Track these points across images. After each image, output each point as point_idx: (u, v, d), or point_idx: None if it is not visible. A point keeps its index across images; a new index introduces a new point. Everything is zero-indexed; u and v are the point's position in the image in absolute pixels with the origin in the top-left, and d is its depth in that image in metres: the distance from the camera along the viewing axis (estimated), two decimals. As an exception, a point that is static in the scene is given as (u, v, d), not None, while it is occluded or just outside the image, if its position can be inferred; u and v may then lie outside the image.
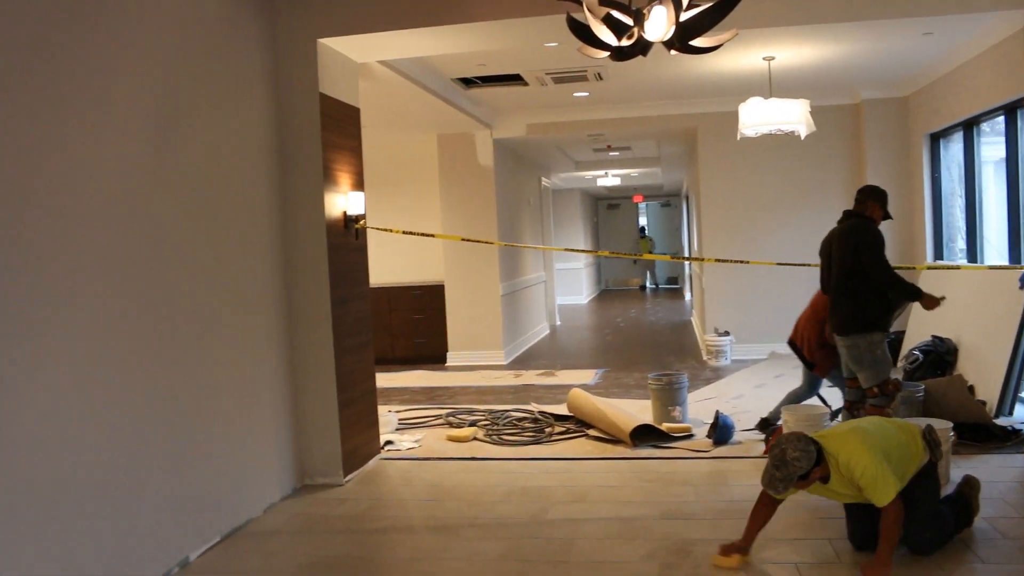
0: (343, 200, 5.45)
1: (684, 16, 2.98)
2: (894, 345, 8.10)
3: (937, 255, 8.48)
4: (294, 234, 5.20)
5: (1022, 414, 6.01)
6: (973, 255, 7.50)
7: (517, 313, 11.30)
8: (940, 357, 6.83)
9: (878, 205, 4.99)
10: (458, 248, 10.10)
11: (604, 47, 3.19)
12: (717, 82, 8.40)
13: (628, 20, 3.05)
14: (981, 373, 6.28)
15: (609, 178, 16.03)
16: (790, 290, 9.30)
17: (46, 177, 3.25)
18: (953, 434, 5.15)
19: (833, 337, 5.13)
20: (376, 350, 6.07)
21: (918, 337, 7.45)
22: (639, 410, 6.60)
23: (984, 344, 6.41)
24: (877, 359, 4.88)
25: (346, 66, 5.56)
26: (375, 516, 4.70)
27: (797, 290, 7.47)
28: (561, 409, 6.91)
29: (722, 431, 5.85)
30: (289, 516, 4.71)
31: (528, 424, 6.61)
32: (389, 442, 6.14)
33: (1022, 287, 5.87)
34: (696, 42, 3.09)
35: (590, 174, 15.63)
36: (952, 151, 8.24)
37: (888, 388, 4.90)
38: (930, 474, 3.74)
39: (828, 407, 5.59)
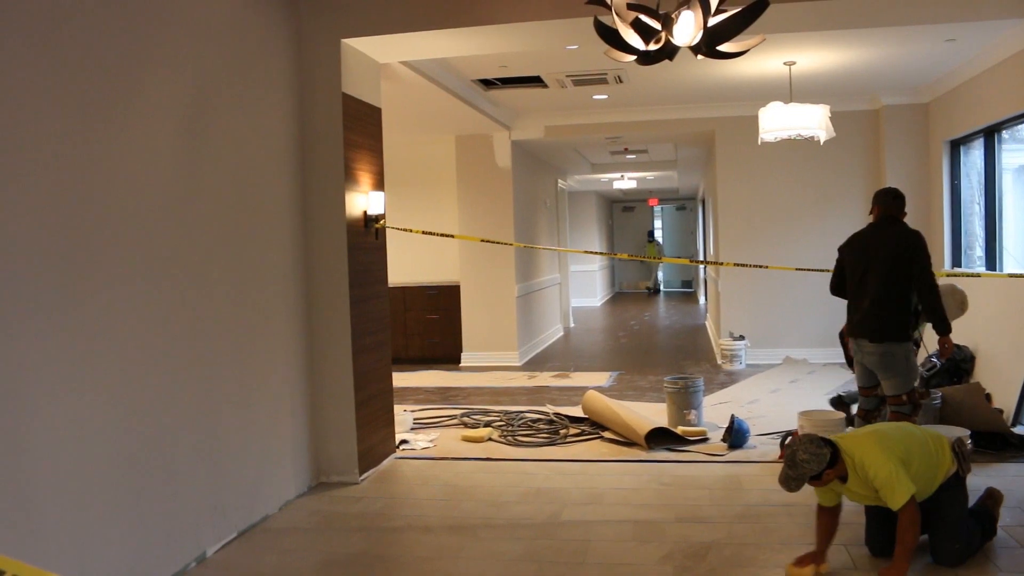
0: (363, 200, 5.47)
1: (712, 21, 2.99)
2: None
3: (955, 262, 8.44)
4: (315, 233, 5.22)
5: (1040, 423, 5.98)
6: (992, 263, 7.46)
7: (532, 314, 11.31)
8: (957, 365, 6.80)
9: (904, 210, 4.89)
10: (474, 249, 10.11)
11: (631, 51, 3.20)
12: (737, 86, 8.39)
13: (656, 25, 3.06)
14: (998, 381, 6.26)
15: (625, 181, 16.02)
16: (805, 295, 9.31)
17: (81, 181, 3.28)
18: (970, 442, 5.14)
19: (850, 340, 5.04)
20: (391, 350, 6.09)
21: (935, 344, 7.40)
22: (654, 413, 6.60)
23: (1002, 352, 6.38)
24: (911, 367, 4.80)
25: (369, 66, 5.59)
26: (391, 515, 4.72)
27: (812, 295, 7.47)
28: (576, 411, 6.92)
29: (737, 435, 5.85)
30: (305, 513, 4.74)
31: (543, 425, 6.62)
32: (404, 441, 6.16)
33: None
34: (723, 47, 3.10)
35: (606, 177, 15.62)
36: (972, 158, 8.20)
37: (915, 396, 4.85)
38: (958, 485, 3.72)
39: (847, 412, 5.56)
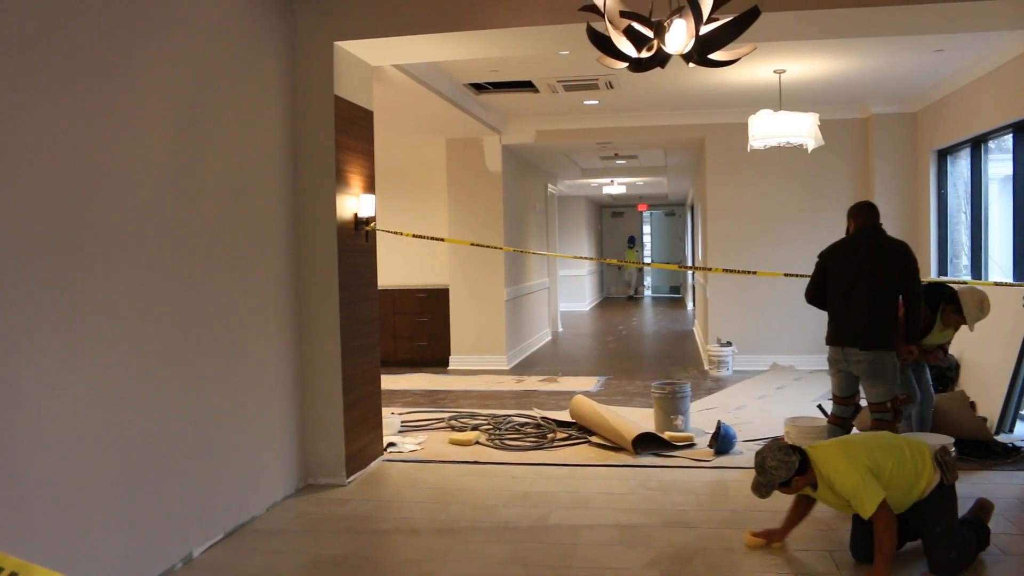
0: (354, 202, 5.48)
1: (704, 30, 3.01)
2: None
3: (941, 271, 8.50)
4: (305, 235, 5.22)
5: (1023, 431, 6.03)
6: (977, 271, 7.52)
7: (520, 318, 11.32)
8: (942, 373, 6.86)
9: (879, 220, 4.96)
10: (463, 252, 10.11)
11: (623, 58, 3.22)
12: (727, 93, 8.44)
13: (648, 32, 3.09)
14: (983, 390, 6.31)
15: (615, 186, 16.06)
16: (793, 302, 9.32)
17: (77, 180, 3.28)
18: (954, 450, 5.18)
19: (831, 348, 4.95)
20: (380, 352, 6.08)
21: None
22: (641, 418, 6.62)
23: (986, 361, 6.43)
24: (895, 374, 4.85)
25: (361, 69, 5.59)
26: (378, 517, 4.72)
27: (800, 302, 7.38)
28: (564, 415, 6.93)
29: (724, 441, 5.87)
30: (292, 515, 4.73)
31: (531, 429, 6.63)
32: (392, 444, 6.16)
33: None
34: (715, 55, 3.12)
35: (596, 182, 15.66)
36: (959, 167, 8.26)
37: (897, 403, 4.89)
38: (944, 495, 3.73)
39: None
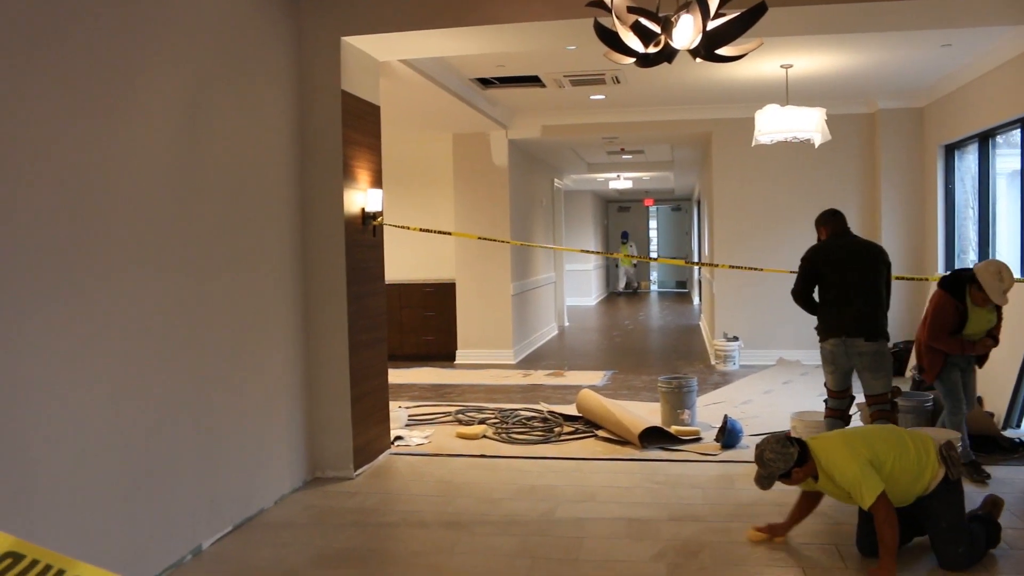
0: (362, 197, 5.50)
1: (711, 25, 3.02)
2: (901, 355, 8.12)
3: (949, 266, 8.48)
4: (313, 229, 5.24)
5: (1030, 427, 6.03)
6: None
7: (527, 313, 11.34)
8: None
9: None
10: (470, 247, 10.13)
11: (631, 53, 3.23)
12: (733, 88, 8.43)
13: (655, 27, 3.09)
14: (989, 385, 6.29)
15: (621, 181, 16.06)
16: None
17: (81, 178, 3.30)
18: (960, 445, 5.18)
19: (830, 340, 5.00)
20: (387, 346, 6.11)
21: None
22: (648, 412, 6.63)
23: (993, 356, 6.39)
24: (892, 366, 5.06)
25: (368, 64, 5.61)
26: (386, 510, 4.75)
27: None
28: (570, 409, 6.95)
29: (730, 435, 5.88)
30: (300, 508, 4.76)
31: (537, 423, 6.65)
32: (399, 438, 6.19)
33: None
34: (722, 51, 3.13)
35: (602, 176, 15.66)
36: (966, 162, 8.25)
37: (893, 395, 5.00)
38: (950, 489, 3.74)
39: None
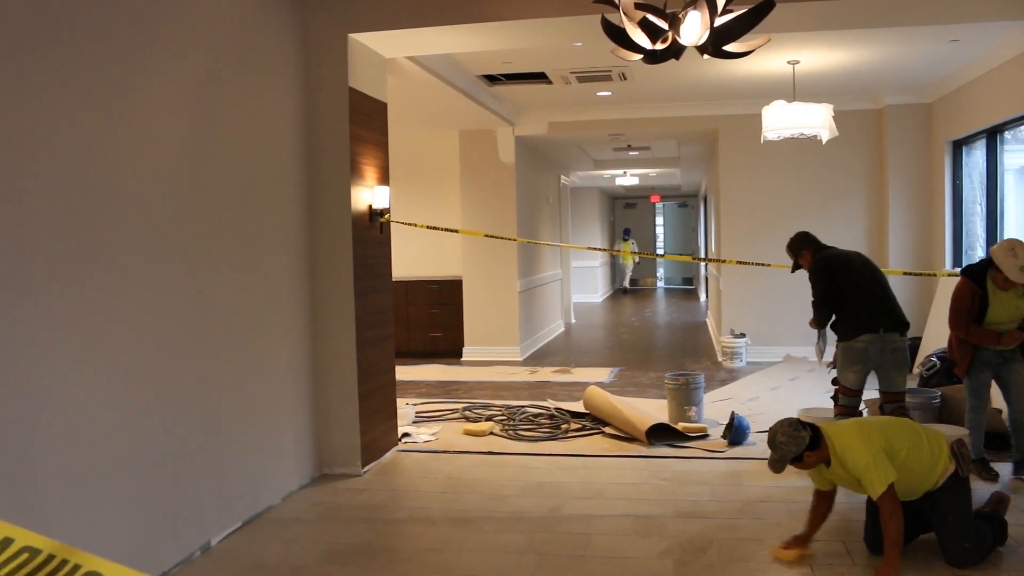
0: (369, 194, 5.50)
1: (718, 21, 3.02)
2: (910, 351, 8.08)
3: (956, 262, 8.46)
4: (320, 226, 5.25)
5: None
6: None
7: (533, 310, 11.34)
8: (955, 364, 6.80)
9: None
10: (477, 243, 10.12)
11: (638, 50, 3.22)
12: (740, 85, 8.41)
13: (663, 24, 3.09)
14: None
15: (628, 177, 16.04)
16: (806, 294, 9.24)
17: (90, 174, 3.32)
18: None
19: (862, 337, 4.95)
20: (394, 343, 6.12)
21: (935, 344, 7.44)
22: (655, 409, 6.63)
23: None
24: None
25: (375, 61, 5.61)
26: (393, 506, 4.76)
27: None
28: (577, 406, 6.96)
29: (737, 432, 5.88)
30: (308, 504, 4.78)
31: (544, 420, 6.66)
32: (406, 434, 6.20)
33: None
34: (729, 47, 3.13)
35: (609, 173, 15.64)
36: (974, 158, 8.22)
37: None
38: (958, 486, 3.74)
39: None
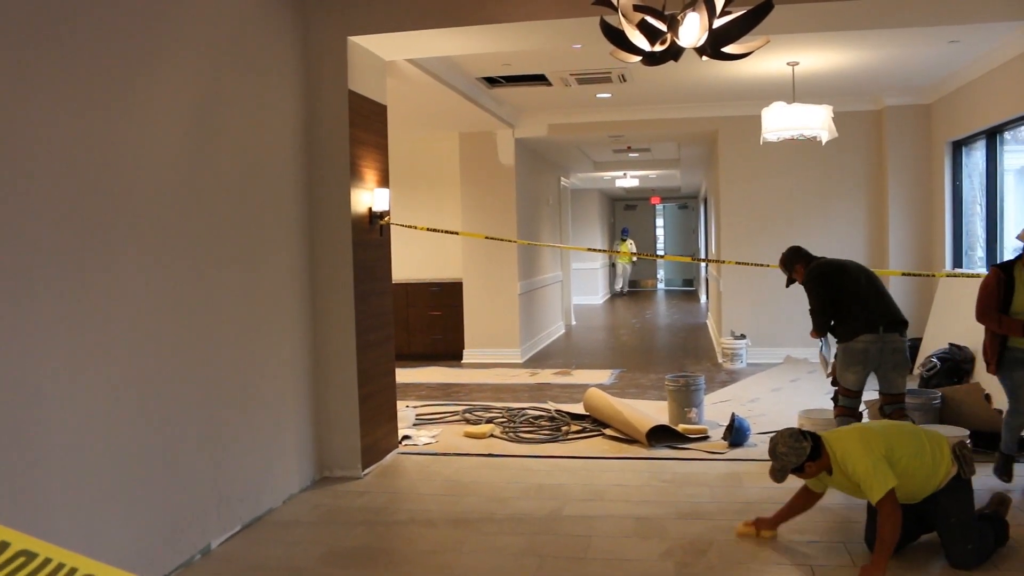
0: (369, 196, 5.51)
1: (717, 23, 3.02)
2: (911, 352, 8.09)
3: (956, 263, 8.47)
4: (320, 229, 5.25)
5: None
6: (993, 264, 7.47)
7: (534, 312, 11.34)
8: (957, 365, 6.83)
9: None
10: (477, 246, 10.13)
11: (637, 52, 3.23)
12: (740, 86, 8.42)
13: (662, 26, 3.10)
14: (998, 382, 6.26)
15: (628, 179, 16.05)
16: (806, 296, 9.30)
17: (90, 175, 3.32)
18: (969, 442, 5.17)
19: (863, 337, 4.91)
20: (394, 345, 6.12)
21: (935, 344, 7.45)
22: (655, 411, 6.63)
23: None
24: None
25: (375, 64, 5.62)
26: (394, 509, 4.76)
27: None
28: (577, 408, 6.96)
29: (738, 433, 5.88)
30: (309, 507, 4.78)
31: (545, 422, 6.65)
32: (407, 437, 6.20)
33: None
34: (728, 49, 3.13)
35: (609, 175, 15.65)
36: (974, 159, 8.22)
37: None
38: (960, 487, 3.74)
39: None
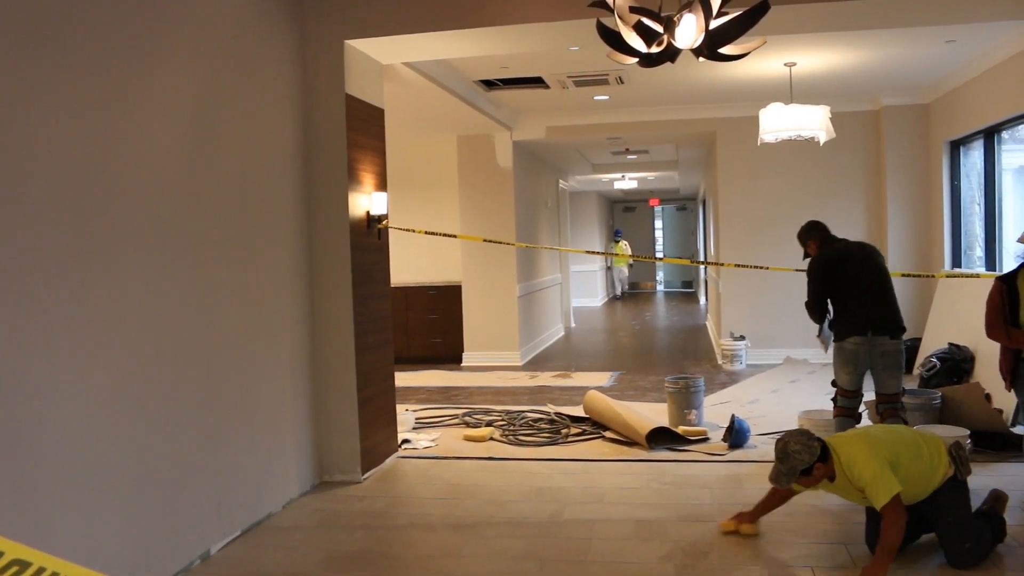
0: (366, 200, 5.50)
1: (713, 24, 3.02)
2: (910, 352, 8.09)
3: (955, 263, 8.47)
4: (318, 233, 5.25)
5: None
6: (991, 263, 7.48)
7: (533, 314, 11.33)
8: (957, 364, 6.83)
9: None
10: (476, 249, 10.13)
11: (633, 53, 3.23)
12: (737, 87, 8.42)
13: (658, 27, 3.09)
14: (998, 381, 6.26)
15: (626, 181, 16.05)
16: (805, 296, 9.30)
17: (88, 178, 3.31)
18: (969, 442, 5.17)
19: (853, 338, 4.93)
20: (393, 349, 6.11)
21: (935, 344, 7.44)
22: (655, 413, 6.62)
23: (1002, 353, 6.38)
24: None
25: (371, 67, 5.61)
26: (394, 513, 4.75)
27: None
28: (577, 411, 6.95)
29: (738, 435, 5.87)
30: (308, 512, 4.77)
31: (544, 425, 6.64)
32: (406, 440, 6.19)
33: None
34: (724, 50, 3.12)
35: (607, 177, 15.65)
36: (972, 158, 8.22)
37: (901, 394, 5.00)
38: (957, 487, 3.74)
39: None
